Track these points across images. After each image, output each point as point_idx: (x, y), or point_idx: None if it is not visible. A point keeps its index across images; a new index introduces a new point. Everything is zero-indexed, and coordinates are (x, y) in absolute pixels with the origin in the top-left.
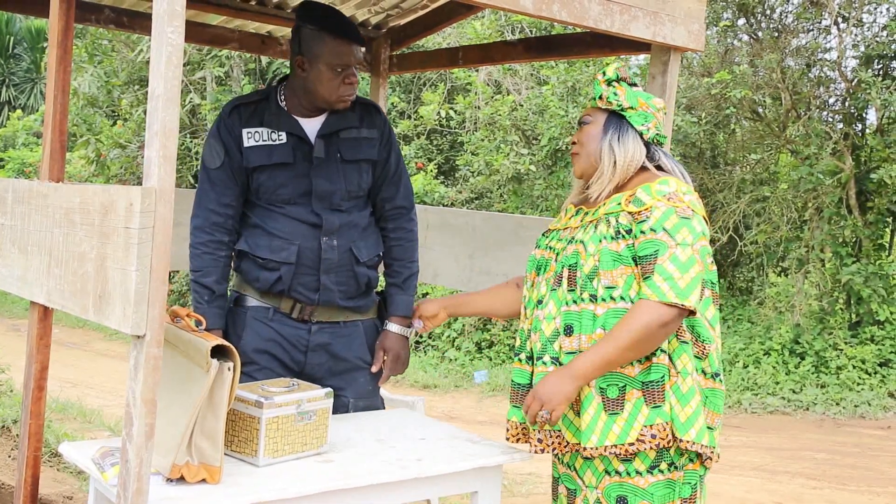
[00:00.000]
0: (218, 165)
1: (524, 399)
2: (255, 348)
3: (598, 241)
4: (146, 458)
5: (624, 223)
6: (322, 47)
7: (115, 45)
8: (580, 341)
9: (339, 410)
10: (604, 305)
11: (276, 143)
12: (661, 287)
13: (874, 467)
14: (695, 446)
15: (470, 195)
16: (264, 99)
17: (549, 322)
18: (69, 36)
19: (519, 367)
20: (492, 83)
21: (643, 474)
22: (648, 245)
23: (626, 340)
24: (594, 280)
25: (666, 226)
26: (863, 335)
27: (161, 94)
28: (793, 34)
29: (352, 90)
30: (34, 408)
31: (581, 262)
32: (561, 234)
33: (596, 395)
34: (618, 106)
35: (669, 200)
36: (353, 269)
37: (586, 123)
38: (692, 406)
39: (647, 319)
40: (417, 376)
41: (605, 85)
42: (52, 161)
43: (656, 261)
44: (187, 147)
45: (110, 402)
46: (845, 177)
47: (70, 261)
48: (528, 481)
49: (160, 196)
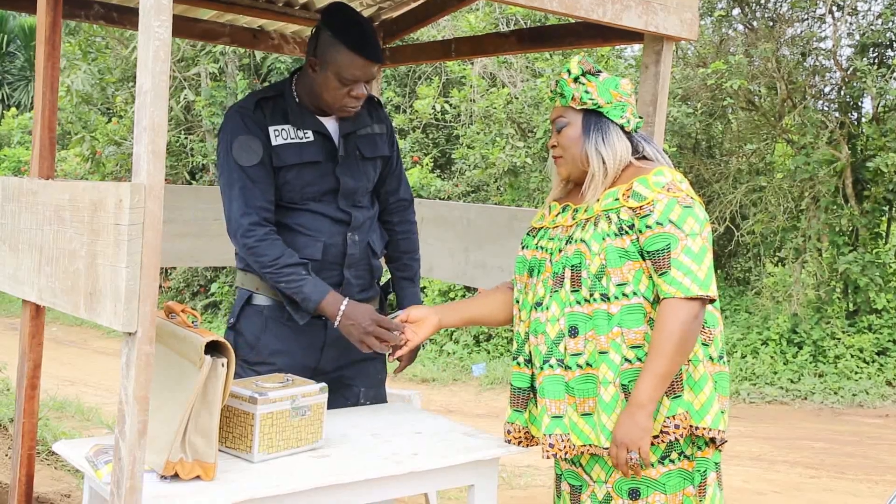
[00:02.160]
0: (256, 162)
1: (525, 402)
2: (273, 350)
3: (601, 238)
4: (139, 455)
5: (626, 219)
6: (335, 56)
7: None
8: (586, 342)
9: (349, 401)
10: (617, 303)
11: (303, 140)
12: (683, 282)
13: (872, 456)
14: (711, 432)
15: (466, 188)
16: (280, 95)
17: (552, 324)
18: (57, 32)
19: (518, 370)
20: (487, 76)
21: (654, 465)
22: (658, 239)
23: (672, 348)
24: (603, 279)
25: (671, 217)
26: (860, 324)
27: (149, 90)
28: (788, 23)
29: (356, 104)
30: (28, 406)
31: (586, 261)
32: (551, 233)
33: (620, 394)
34: (593, 105)
35: (669, 191)
36: (369, 263)
37: (563, 126)
38: (706, 393)
39: (682, 318)
40: (416, 370)
41: (573, 84)
42: (41, 158)
43: (670, 255)
44: (182, 144)
45: (108, 400)
46: (841, 166)
47: (61, 258)
48: (526, 473)
49: (149, 192)
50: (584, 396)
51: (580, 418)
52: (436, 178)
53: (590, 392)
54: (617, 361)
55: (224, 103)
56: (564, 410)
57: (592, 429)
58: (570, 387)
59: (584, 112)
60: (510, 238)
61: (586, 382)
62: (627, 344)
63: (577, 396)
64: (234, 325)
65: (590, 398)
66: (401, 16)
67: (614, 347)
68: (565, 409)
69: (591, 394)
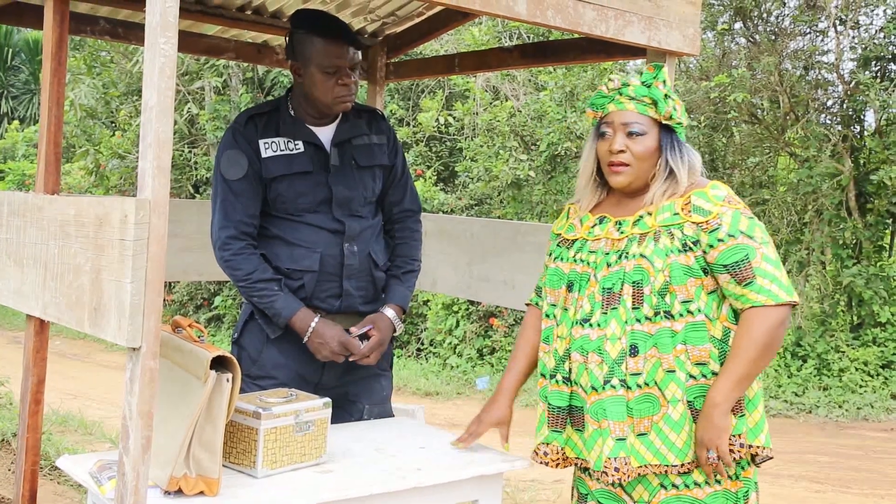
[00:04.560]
0: (241, 176)
1: (563, 422)
2: (275, 364)
3: (664, 255)
4: (143, 471)
5: (690, 234)
6: (312, 50)
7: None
8: (645, 361)
9: (354, 416)
10: (682, 321)
11: (293, 152)
12: (771, 289)
13: (878, 470)
14: (764, 451)
15: (469, 202)
16: (275, 109)
17: (613, 343)
18: (63, 48)
19: (556, 388)
20: (490, 89)
21: (702, 486)
22: (734, 251)
23: (755, 353)
24: (666, 296)
25: (741, 229)
26: (865, 337)
27: (154, 105)
28: (790, 37)
29: (347, 91)
30: (31, 421)
31: (650, 278)
32: (591, 246)
33: (689, 412)
34: (677, 124)
35: (730, 204)
36: (371, 274)
37: (640, 134)
38: (759, 411)
39: (771, 325)
40: (419, 384)
41: (665, 98)
42: (47, 173)
43: (751, 265)
44: (186, 157)
45: (111, 414)
46: (845, 179)
47: (65, 273)
48: (530, 488)
49: (154, 207)
50: (640, 416)
51: (636, 439)
52: (439, 192)
53: (647, 412)
54: (682, 379)
55: (228, 117)
56: (627, 432)
57: (648, 448)
58: (629, 407)
59: (659, 125)
60: (514, 252)
61: (645, 402)
62: (692, 361)
63: (635, 417)
64: (238, 339)
65: (645, 418)
66: (404, 31)
67: (679, 365)
68: (627, 431)
69: (647, 413)
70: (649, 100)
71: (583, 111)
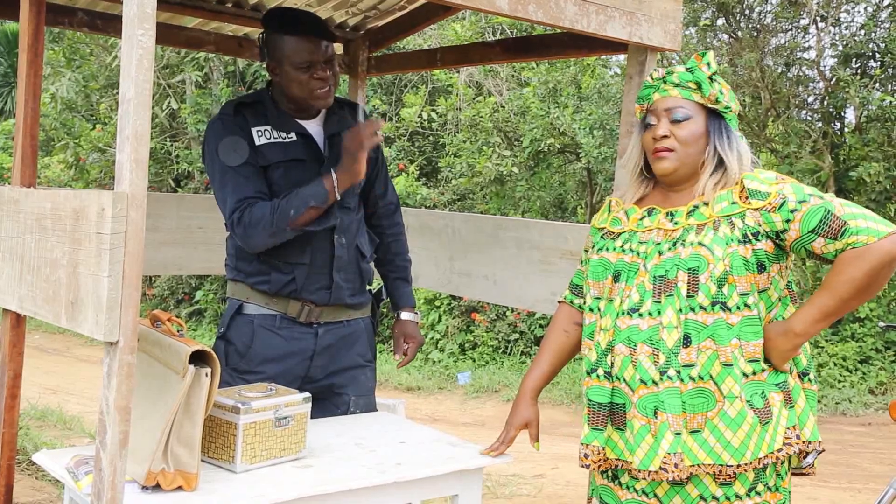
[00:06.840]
0: (243, 161)
1: (605, 420)
2: (263, 358)
3: (724, 244)
4: (120, 466)
5: (751, 224)
6: (283, 48)
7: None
8: (699, 352)
9: (340, 409)
10: (738, 314)
11: (287, 140)
12: (869, 226)
13: (855, 464)
14: (811, 445)
15: (452, 197)
16: (259, 101)
17: (669, 332)
18: (40, 39)
19: (597, 384)
20: (473, 85)
21: (742, 498)
22: (814, 213)
23: (851, 291)
24: (724, 286)
25: (808, 192)
26: (843, 332)
27: (132, 98)
28: (772, 33)
29: (323, 85)
30: (7, 416)
31: (709, 265)
32: (641, 237)
33: (749, 410)
34: (724, 108)
35: (784, 180)
36: (359, 266)
37: (685, 119)
38: (801, 404)
39: (873, 262)
40: (401, 378)
41: (710, 80)
42: (23, 166)
43: (836, 215)
44: (167, 150)
45: (90, 409)
46: (825, 175)
47: (42, 267)
48: (511, 482)
49: (132, 201)
50: (694, 412)
51: (688, 436)
52: (421, 186)
53: (700, 407)
54: (739, 375)
55: (209, 111)
56: (681, 427)
57: (701, 447)
58: (682, 401)
59: (707, 111)
60: (495, 247)
61: (698, 397)
62: (746, 358)
63: (689, 412)
64: (224, 334)
65: (699, 414)
66: (386, 25)
67: (734, 360)
68: (681, 426)
69: (701, 409)
70: (693, 84)
71: (565, 107)
